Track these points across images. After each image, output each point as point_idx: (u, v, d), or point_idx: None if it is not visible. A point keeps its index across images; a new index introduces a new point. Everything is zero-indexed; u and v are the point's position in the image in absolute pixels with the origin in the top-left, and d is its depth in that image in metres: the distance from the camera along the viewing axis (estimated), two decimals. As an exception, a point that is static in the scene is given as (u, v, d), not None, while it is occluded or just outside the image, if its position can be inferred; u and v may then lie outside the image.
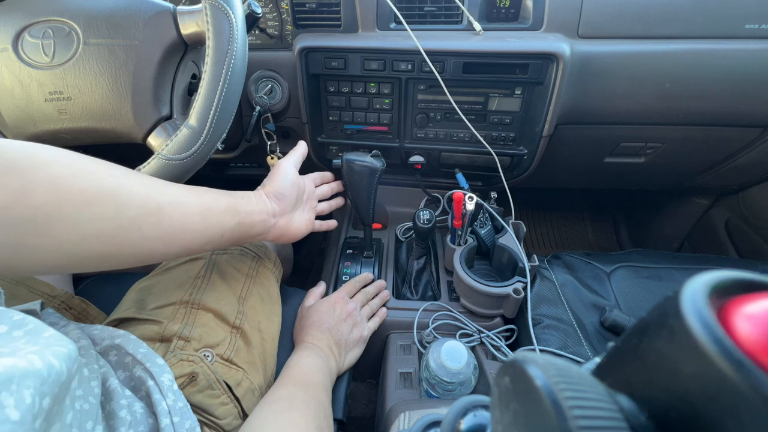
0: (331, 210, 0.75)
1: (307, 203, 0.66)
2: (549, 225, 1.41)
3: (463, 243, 0.72)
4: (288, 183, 0.59)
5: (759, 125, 0.74)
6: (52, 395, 0.27)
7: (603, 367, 0.18)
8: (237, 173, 1.00)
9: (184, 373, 0.45)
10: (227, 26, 0.49)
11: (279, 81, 0.76)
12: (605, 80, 0.68)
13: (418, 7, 0.69)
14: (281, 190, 0.58)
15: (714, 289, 0.13)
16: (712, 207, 1.09)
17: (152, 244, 0.41)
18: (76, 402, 0.32)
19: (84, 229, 0.35)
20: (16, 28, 0.51)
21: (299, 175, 0.63)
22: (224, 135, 0.53)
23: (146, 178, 0.43)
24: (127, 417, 0.38)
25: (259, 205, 0.54)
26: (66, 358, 0.30)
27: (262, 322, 0.57)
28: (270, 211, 0.55)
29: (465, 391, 0.56)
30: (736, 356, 0.12)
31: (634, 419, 0.14)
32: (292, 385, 0.50)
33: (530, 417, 0.14)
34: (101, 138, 0.55)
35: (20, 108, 0.52)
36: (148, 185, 0.41)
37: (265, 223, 0.54)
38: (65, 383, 0.29)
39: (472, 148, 0.80)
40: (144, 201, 0.40)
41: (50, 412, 0.27)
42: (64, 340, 0.31)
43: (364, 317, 0.67)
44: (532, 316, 0.65)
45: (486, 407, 0.23)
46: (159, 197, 0.41)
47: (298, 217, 0.62)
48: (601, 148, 0.82)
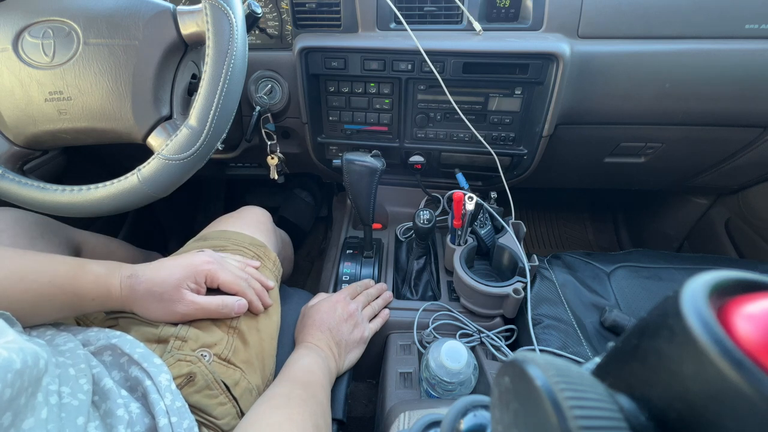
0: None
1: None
2: (549, 225, 1.41)
3: (463, 243, 0.72)
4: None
5: (759, 125, 0.74)
6: (13, 387, 0.28)
7: (603, 367, 0.18)
8: (237, 173, 1.00)
9: (181, 373, 0.45)
10: (227, 26, 0.49)
11: (279, 81, 0.76)
12: (605, 80, 0.68)
13: (418, 7, 0.69)
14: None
15: (714, 289, 0.13)
16: (712, 207, 1.09)
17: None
18: (50, 397, 0.33)
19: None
20: (16, 28, 0.51)
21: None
22: (224, 135, 0.53)
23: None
24: (125, 416, 0.38)
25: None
26: (18, 351, 0.30)
27: (261, 321, 0.57)
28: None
29: (465, 391, 0.56)
30: (736, 356, 0.12)
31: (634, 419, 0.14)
32: (290, 383, 0.50)
33: (530, 417, 0.14)
34: (101, 138, 0.55)
35: (20, 108, 0.52)
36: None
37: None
38: (31, 377, 0.30)
39: (472, 148, 0.80)
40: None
41: (14, 405, 0.28)
42: (20, 341, 0.32)
43: (365, 318, 0.67)
44: (532, 316, 0.65)
45: (486, 407, 0.23)
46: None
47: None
48: (601, 148, 0.82)
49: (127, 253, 0.88)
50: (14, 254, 0.45)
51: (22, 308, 0.42)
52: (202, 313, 0.51)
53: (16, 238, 0.61)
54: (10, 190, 0.53)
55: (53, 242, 0.66)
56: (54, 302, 0.45)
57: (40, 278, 0.44)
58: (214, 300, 0.51)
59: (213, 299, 0.51)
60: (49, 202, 0.53)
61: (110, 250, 0.82)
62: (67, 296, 0.45)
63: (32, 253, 0.46)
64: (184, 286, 0.50)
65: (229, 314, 0.52)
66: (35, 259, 0.45)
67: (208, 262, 0.53)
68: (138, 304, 0.49)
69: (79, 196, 0.52)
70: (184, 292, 0.50)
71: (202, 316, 0.51)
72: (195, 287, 0.51)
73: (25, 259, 0.45)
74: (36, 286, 0.43)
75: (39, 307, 0.44)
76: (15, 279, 0.42)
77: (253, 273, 0.59)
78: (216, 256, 0.55)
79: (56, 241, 0.67)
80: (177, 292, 0.49)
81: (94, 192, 0.52)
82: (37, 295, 0.43)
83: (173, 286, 0.49)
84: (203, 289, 0.52)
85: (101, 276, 0.47)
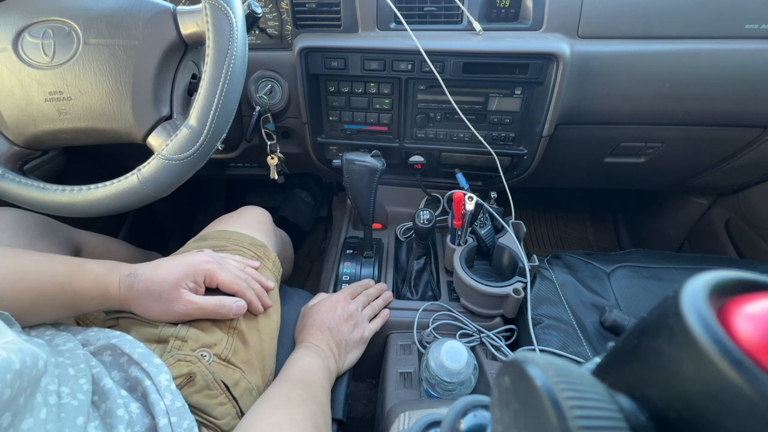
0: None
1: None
2: (549, 225, 1.41)
3: (463, 243, 0.72)
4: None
5: (759, 125, 0.74)
6: (12, 387, 0.28)
7: (603, 367, 0.18)
8: (237, 173, 1.00)
9: (181, 373, 0.45)
10: (227, 26, 0.49)
11: (279, 81, 0.76)
12: (605, 80, 0.68)
13: (418, 7, 0.69)
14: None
15: (714, 289, 0.13)
16: (712, 207, 1.09)
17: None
18: (49, 397, 0.33)
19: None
20: (16, 28, 0.51)
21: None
22: (224, 135, 0.53)
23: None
24: (125, 416, 0.38)
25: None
26: (17, 351, 0.30)
27: (261, 321, 0.57)
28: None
29: (465, 391, 0.56)
30: (736, 356, 0.12)
31: (634, 419, 0.14)
32: (290, 383, 0.50)
33: (530, 417, 0.14)
34: (101, 138, 0.55)
35: (20, 108, 0.52)
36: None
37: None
38: (30, 377, 0.30)
39: (472, 148, 0.80)
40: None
41: (13, 405, 0.28)
42: (18, 341, 0.32)
43: (365, 318, 0.67)
44: (532, 316, 0.65)
45: (486, 407, 0.23)
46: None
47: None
48: (601, 148, 0.82)
49: (127, 253, 0.88)
50: (13, 254, 0.45)
51: (21, 308, 0.42)
52: (200, 313, 0.51)
53: (16, 238, 0.61)
54: (10, 190, 0.53)
55: (53, 242, 0.66)
56: (53, 302, 0.44)
57: (39, 278, 0.44)
58: (212, 300, 0.51)
59: (211, 299, 0.51)
60: (49, 202, 0.53)
61: (110, 250, 0.82)
62: (67, 296, 0.45)
63: (31, 253, 0.46)
64: (182, 285, 0.50)
65: (227, 315, 0.52)
66: (34, 259, 0.45)
67: (207, 261, 0.53)
68: (136, 304, 0.49)
69: (79, 196, 0.52)
70: (182, 291, 0.50)
71: (201, 316, 0.51)
72: (194, 287, 0.51)
73: (24, 258, 0.45)
74: (35, 285, 0.43)
75: (38, 307, 0.44)
76: (14, 279, 0.42)
77: (252, 273, 0.59)
78: (215, 255, 0.55)
79: (56, 241, 0.67)
80: (175, 291, 0.49)
81: (94, 192, 0.52)
82: (37, 294, 0.43)
83: (172, 285, 0.49)
84: (202, 288, 0.52)
85: (100, 275, 0.47)
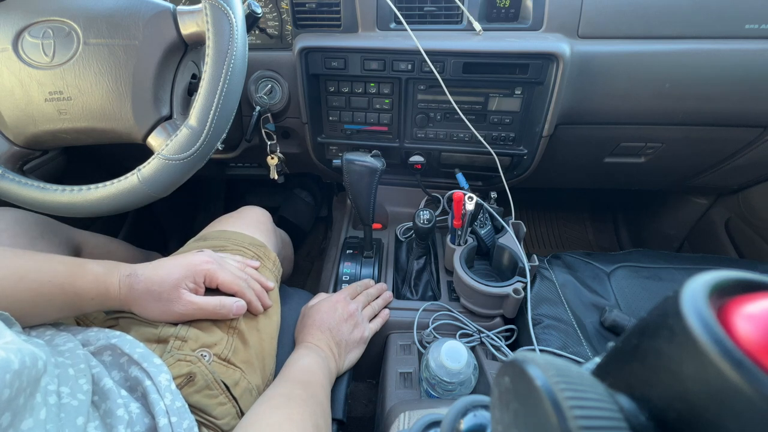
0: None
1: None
2: (549, 225, 1.41)
3: (463, 243, 0.72)
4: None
5: (759, 125, 0.74)
6: (11, 388, 0.28)
7: (603, 367, 0.18)
8: (237, 173, 1.00)
9: (181, 373, 0.45)
10: (227, 26, 0.49)
11: (279, 81, 0.76)
12: (605, 80, 0.68)
13: (418, 7, 0.69)
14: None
15: (714, 289, 0.13)
16: (712, 207, 1.09)
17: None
18: (49, 397, 0.33)
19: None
20: (16, 28, 0.51)
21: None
22: (224, 135, 0.53)
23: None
24: (125, 416, 0.38)
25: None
26: (16, 351, 0.30)
27: (261, 321, 0.57)
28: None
29: (465, 391, 0.56)
30: (736, 356, 0.12)
31: (634, 419, 0.14)
32: (290, 383, 0.50)
33: (530, 417, 0.14)
34: (101, 138, 0.55)
35: (20, 108, 0.52)
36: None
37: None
38: (30, 377, 0.30)
39: (472, 148, 0.80)
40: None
41: (13, 406, 0.28)
42: (18, 341, 0.32)
43: (365, 318, 0.67)
44: (532, 316, 0.65)
45: (486, 407, 0.23)
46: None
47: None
48: (601, 148, 0.82)
49: (127, 253, 0.88)
50: (13, 254, 0.45)
51: (21, 308, 0.42)
52: (200, 314, 0.51)
53: (16, 238, 0.61)
54: (10, 190, 0.53)
55: (53, 242, 0.66)
56: (53, 302, 0.44)
57: (39, 278, 0.44)
58: (212, 300, 0.51)
59: (211, 299, 0.51)
60: (49, 202, 0.53)
61: (110, 250, 0.82)
62: (67, 296, 0.45)
63: (31, 253, 0.46)
64: (182, 285, 0.50)
65: (227, 315, 0.52)
66: (34, 259, 0.45)
67: (207, 261, 0.53)
68: (136, 304, 0.49)
69: (79, 196, 0.52)
70: (182, 291, 0.50)
71: (200, 316, 0.51)
72: (194, 287, 0.51)
73: (24, 258, 0.45)
74: (35, 285, 0.43)
75: (38, 307, 0.44)
76: (14, 279, 0.42)
77: (252, 273, 0.59)
78: (215, 256, 0.55)
79: (56, 241, 0.67)
80: (175, 291, 0.49)
81: (94, 192, 0.52)
82: (37, 294, 0.43)
83: (172, 285, 0.49)
84: (202, 289, 0.52)
85: (100, 275, 0.47)
